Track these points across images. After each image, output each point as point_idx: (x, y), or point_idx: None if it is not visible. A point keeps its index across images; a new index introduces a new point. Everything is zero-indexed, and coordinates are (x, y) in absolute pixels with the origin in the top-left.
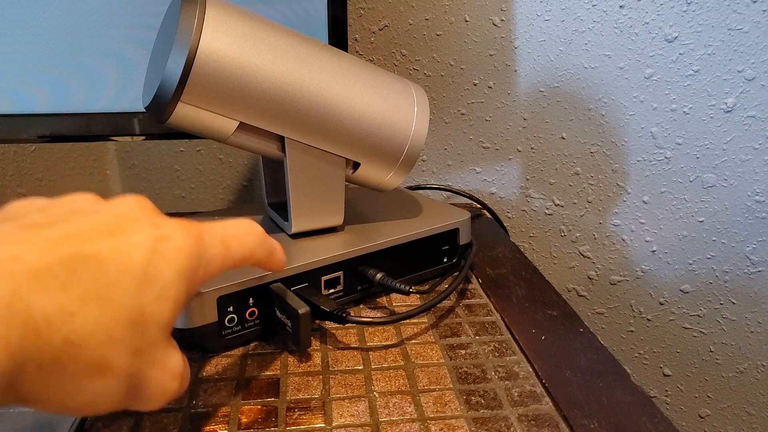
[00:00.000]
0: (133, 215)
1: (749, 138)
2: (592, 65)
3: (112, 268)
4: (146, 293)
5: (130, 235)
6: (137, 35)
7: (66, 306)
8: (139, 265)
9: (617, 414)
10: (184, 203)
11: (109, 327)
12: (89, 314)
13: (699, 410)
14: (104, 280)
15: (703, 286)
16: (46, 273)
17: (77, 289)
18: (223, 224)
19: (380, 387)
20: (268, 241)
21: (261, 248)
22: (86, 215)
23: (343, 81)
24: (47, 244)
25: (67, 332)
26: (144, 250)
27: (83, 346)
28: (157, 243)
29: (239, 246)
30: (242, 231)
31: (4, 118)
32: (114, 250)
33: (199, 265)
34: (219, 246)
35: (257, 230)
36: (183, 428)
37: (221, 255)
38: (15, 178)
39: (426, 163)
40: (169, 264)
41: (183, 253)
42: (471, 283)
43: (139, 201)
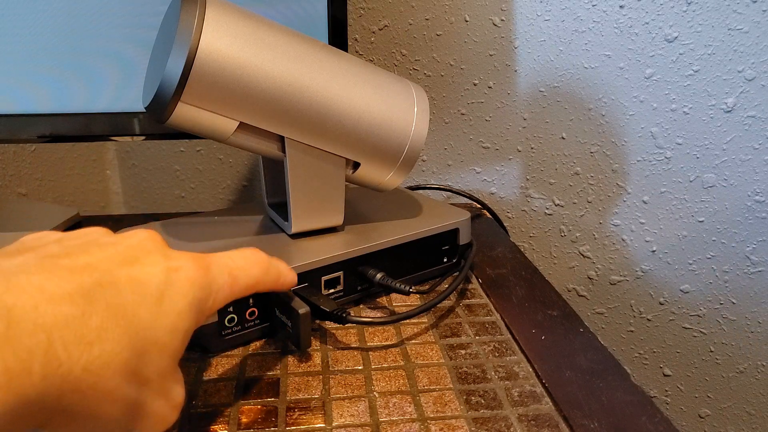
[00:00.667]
0: (146, 247)
1: (749, 138)
2: (592, 65)
3: (129, 299)
4: (160, 325)
5: (145, 266)
6: (137, 35)
7: (85, 336)
8: (154, 296)
9: (617, 414)
10: (184, 203)
11: (124, 357)
12: (106, 344)
13: (699, 410)
14: (121, 311)
15: (703, 286)
16: (66, 302)
17: (96, 318)
18: (230, 255)
19: (380, 387)
20: (273, 267)
21: (266, 276)
22: (101, 246)
23: (343, 81)
24: (67, 274)
25: (85, 361)
26: (158, 281)
27: (101, 375)
28: (170, 273)
29: (246, 276)
30: (249, 262)
31: (4, 118)
32: (130, 280)
33: (208, 296)
34: (226, 277)
35: (262, 259)
36: (183, 428)
37: (228, 285)
38: (15, 178)
39: (426, 163)
40: (181, 295)
41: (195, 285)
42: (471, 283)
43: (151, 235)
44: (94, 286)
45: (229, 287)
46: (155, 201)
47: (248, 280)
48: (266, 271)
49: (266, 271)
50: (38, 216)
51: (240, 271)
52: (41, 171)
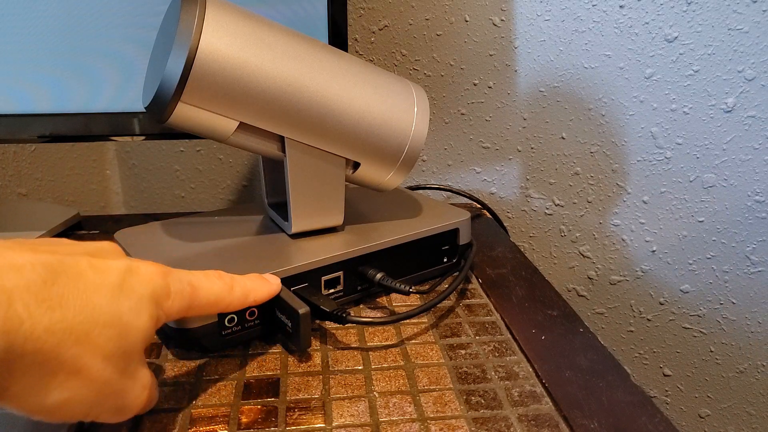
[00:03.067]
0: (108, 250)
1: (749, 138)
2: (592, 65)
3: (90, 279)
4: (124, 301)
5: (107, 260)
6: (137, 35)
7: (46, 299)
8: (115, 279)
9: (617, 414)
10: (184, 203)
11: (87, 326)
12: (68, 311)
13: (699, 410)
14: (83, 285)
15: (703, 286)
16: (28, 269)
17: (57, 287)
18: (191, 271)
19: (380, 387)
20: (239, 286)
21: (230, 294)
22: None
23: (343, 81)
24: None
25: (47, 322)
26: (119, 270)
27: (62, 339)
28: (131, 268)
29: (206, 291)
30: (209, 279)
31: (4, 118)
32: (93, 266)
33: (167, 295)
34: (186, 285)
35: (225, 280)
36: (183, 428)
37: (188, 293)
38: (15, 178)
39: (426, 163)
40: (141, 284)
41: (152, 282)
42: (471, 283)
43: (112, 244)
44: (56, 263)
45: (188, 295)
46: (155, 201)
47: (209, 295)
48: (229, 290)
49: (229, 290)
50: (38, 216)
51: (199, 284)
52: (41, 171)
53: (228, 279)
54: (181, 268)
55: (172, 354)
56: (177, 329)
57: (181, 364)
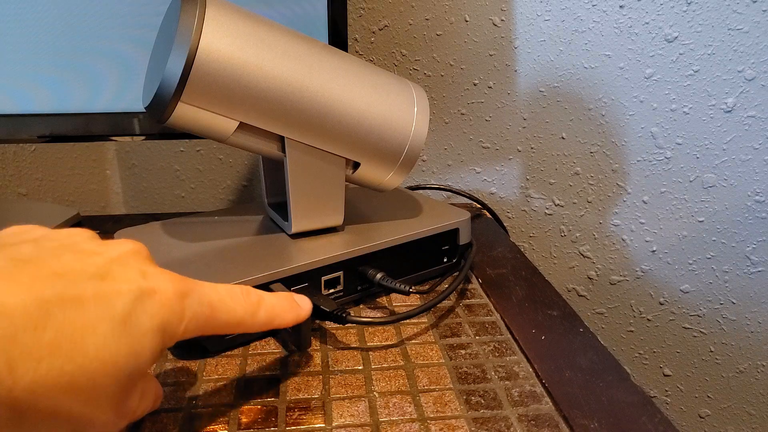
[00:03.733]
0: (125, 261)
1: (749, 138)
2: (592, 65)
3: (90, 315)
4: (123, 342)
5: (117, 282)
6: (137, 35)
7: (33, 351)
8: (119, 315)
9: (617, 414)
10: (184, 203)
11: (74, 377)
12: (56, 360)
13: (699, 410)
14: (80, 325)
15: (703, 286)
16: (19, 313)
17: (49, 332)
18: (215, 287)
19: (380, 387)
20: (264, 311)
21: (253, 318)
22: (77, 255)
23: (343, 81)
24: (29, 282)
25: (29, 380)
26: (127, 300)
27: (45, 395)
28: (143, 293)
29: (227, 313)
30: (234, 299)
31: (4, 118)
32: (96, 296)
33: (180, 321)
34: (205, 308)
35: (251, 301)
36: (183, 428)
37: (205, 316)
38: (15, 178)
39: (426, 163)
40: (149, 316)
41: (166, 308)
42: (471, 283)
43: (135, 248)
44: (54, 298)
45: (205, 318)
46: (155, 201)
47: (229, 317)
48: (253, 313)
49: (253, 314)
50: (38, 216)
51: (221, 306)
52: (41, 171)
53: (255, 300)
54: (181, 268)
55: (172, 354)
56: None
57: (181, 364)
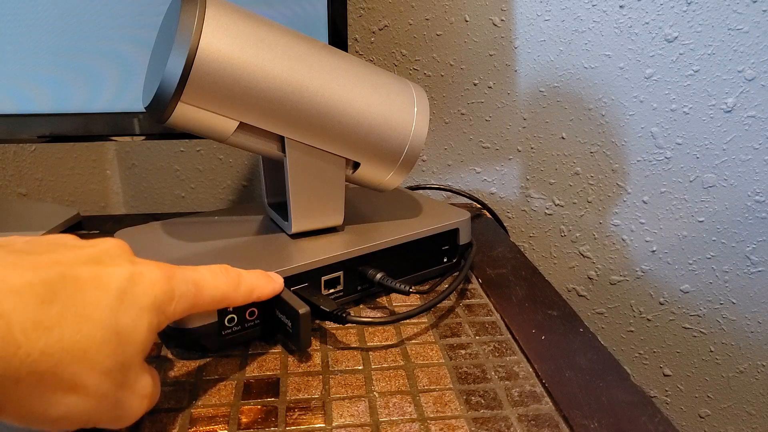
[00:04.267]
0: (112, 253)
1: (749, 138)
2: (592, 65)
3: (90, 291)
4: (123, 315)
5: (109, 266)
6: (137, 35)
7: (44, 321)
8: (116, 290)
9: (617, 414)
10: (184, 203)
11: (85, 344)
12: (66, 330)
13: (699, 410)
14: (82, 301)
15: (703, 286)
16: (26, 290)
17: (56, 306)
18: (196, 268)
19: (380, 387)
20: (245, 283)
21: (236, 291)
22: (68, 248)
23: (343, 81)
24: (31, 266)
25: (43, 345)
26: (121, 279)
27: (60, 359)
28: (133, 275)
29: (211, 288)
30: (216, 276)
31: (4, 118)
32: (93, 277)
33: (171, 299)
34: (191, 286)
35: (231, 275)
36: (183, 428)
37: (192, 294)
38: (15, 178)
39: (426, 163)
40: (143, 294)
41: (156, 287)
42: (471, 283)
43: (118, 243)
44: (56, 278)
45: (192, 296)
46: (155, 201)
47: (214, 292)
48: (235, 286)
49: (235, 287)
50: (38, 216)
51: (205, 282)
52: (41, 171)
53: (234, 275)
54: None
55: (172, 354)
56: (177, 329)
57: (181, 364)
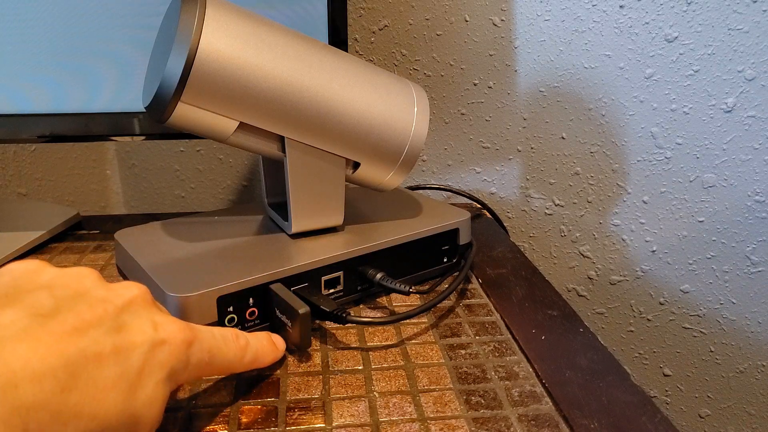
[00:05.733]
0: (135, 310)
1: (749, 138)
2: (592, 65)
3: (111, 371)
4: (139, 396)
5: (132, 334)
6: (137, 35)
7: (61, 415)
8: (135, 368)
9: (617, 414)
10: (184, 203)
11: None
12: (81, 422)
13: (699, 410)
14: (102, 384)
15: (703, 286)
16: (48, 378)
17: (75, 395)
18: (213, 333)
19: (380, 387)
20: (250, 354)
21: (240, 362)
22: (91, 305)
23: (343, 81)
24: (55, 342)
25: None
26: (141, 353)
27: None
28: (155, 346)
29: (221, 359)
30: (228, 346)
31: (4, 118)
32: (115, 352)
33: (184, 369)
34: (205, 355)
35: (241, 345)
36: (183, 428)
37: (204, 363)
38: (15, 178)
39: (426, 163)
40: (161, 366)
41: (174, 357)
42: (471, 283)
43: (140, 293)
44: (79, 357)
45: (204, 365)
46: (155, 201)
47: (222, 362)
48: (241, 357)
49: (240, 358)
50: (38, 216)
51: (218, 352)
52: (41, 171)
53: (243, 345)
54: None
55: None
56: None
57: None
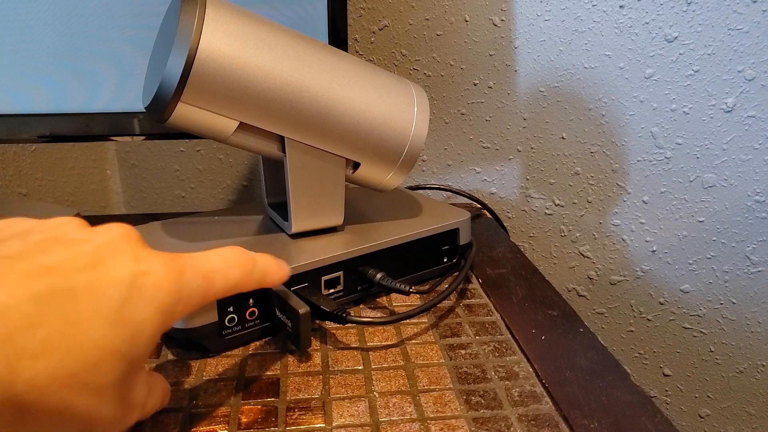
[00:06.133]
0: (115, 247)
1: (749, 138)
2: (592, 65)
3: (84, 306)
4: (119, 333)
5: (110, 269)
6: (137, 35)
7: (30, 348)
8: (114, 303)
9: (617, 414)
10: (184, 203)
11: (74, 367)
12: (54, 356)
13: (699, 410)
14: (75, 319)
15: (703, 286)
16: (12, 312)
17: (45, 329)
18: (208, 256)
19: (380, 387)
20: (258, 266)
21: (249, 277)
22: (66, 246)
23: (343, 81)
24: (21, 279)
25: (28, 376)
26: (122, 287)
27: (46, 388)
28: (137, 278)
29: (223, 279)
30: (228, 263)
31: (4, 118)
32: (89, 287)
33: (178, 300)
34: (200, 281)
35: (245, 260)
36: (183, 428)
37: (202, 289)
38: (15, 178)
39: (426, 163)
40: (147, 301)
41: (162, 290)
42: (471, 283)
43: (125, 232)
44: (47, 292)
45: (203, 291)
46: (155, 201)
47: (225, 282)
48: (249, 272)
49: (249, 272)
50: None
51: (216, 274)
52: (41, 171)
53: (249, 259)
54: None
55: (172, 354)
56: (177, 329)
57: (181, 364)
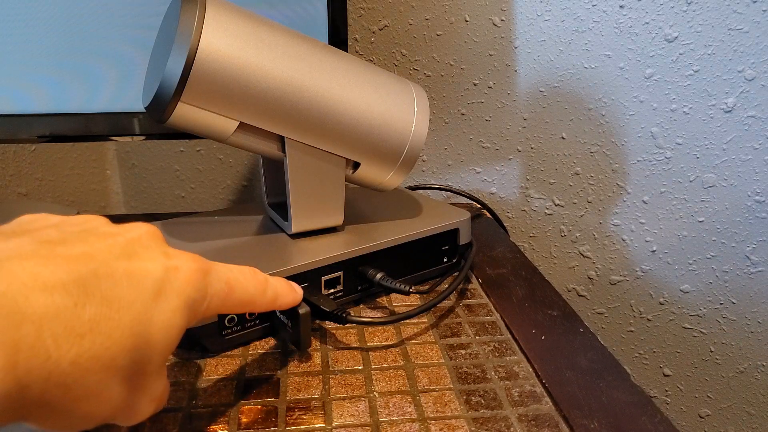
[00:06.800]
0: (145, 243)
1: (749, 138)
2: (592, 65)
3: (125, 292)
4: (154, 321)
5: (144, 261)
6: (137, 35)
7: (76, 327)
8: (150, 291)
9: (617, 414)
10: (184, 203)
11: (114, 351)
12: (98, 337)
13: (699, 410)
14: (116, 303)
15: (703, 286)
16: (59, 291)
17: (89, 309)
18: (228, 266)
19: (380, 387)
20: (271, 289)
21: (263, 296)
22: (100, 237)
23: (343, 81)
24: (63, 262)
25: (74, 355)
26: (156, 278)
27: (89, 369)
28: (168, 272)
29: (242, 290)
30: (246, 278)
31: (4, 118)
32: (128, 273)
33: (203, 298)
34: (223, 285)
35: (260, 279)
36: (183, 428)
37: (224, 293)
38: (15, 178)
39: (426, 163)
40: (177, 293)
41: (191, 285)
42: (471, 283)
43: (151, 230)
44: (90, 275)
45: (224, 295)
46: (155, 201)
47: (243, 294)
48: (263, 291)
49: (263, 292)
50: None
51: (237, 284)
52: (41, 171)
53: (262, 280)
54: None
55: (172, 354)
56: None
57: (181, 364)
